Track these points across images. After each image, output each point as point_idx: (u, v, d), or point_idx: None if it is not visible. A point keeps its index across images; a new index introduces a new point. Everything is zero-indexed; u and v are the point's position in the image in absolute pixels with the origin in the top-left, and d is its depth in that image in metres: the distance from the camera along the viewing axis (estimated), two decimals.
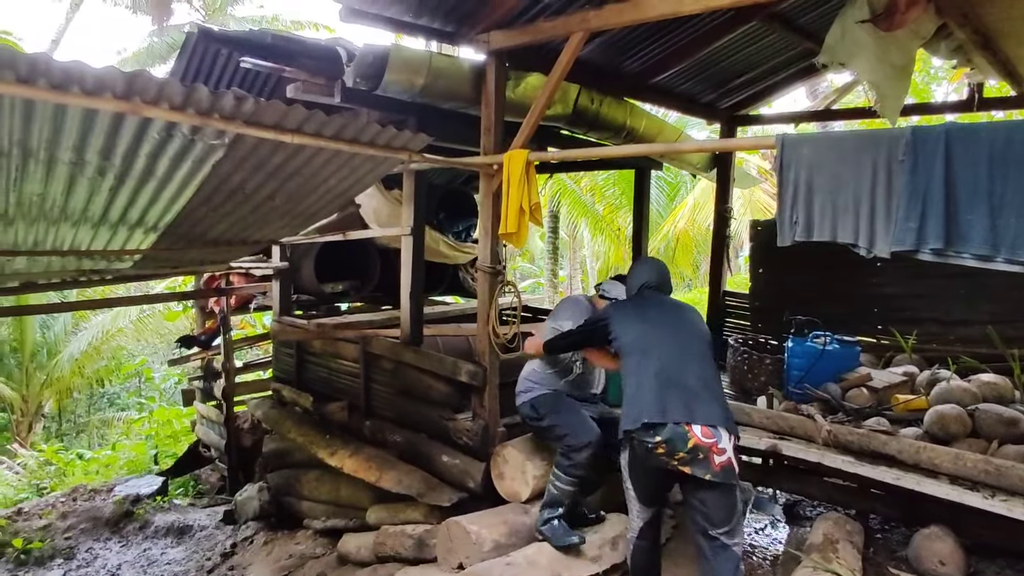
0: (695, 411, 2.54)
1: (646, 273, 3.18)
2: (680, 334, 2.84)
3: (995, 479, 3.07)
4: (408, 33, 3.48)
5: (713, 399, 2.64)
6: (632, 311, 3.01)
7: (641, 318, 2.92)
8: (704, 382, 2.69)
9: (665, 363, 2.69)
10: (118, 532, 5.51)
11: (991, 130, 2.09)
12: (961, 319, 4.74)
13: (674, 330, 2.85)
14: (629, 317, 2.95)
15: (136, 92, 2.19)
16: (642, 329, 2.86)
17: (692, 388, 2.63)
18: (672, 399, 2.57)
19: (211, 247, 4.10)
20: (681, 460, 2.50)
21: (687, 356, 2.75)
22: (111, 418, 13.41)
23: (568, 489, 3.19)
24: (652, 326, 2.86)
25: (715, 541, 2.59)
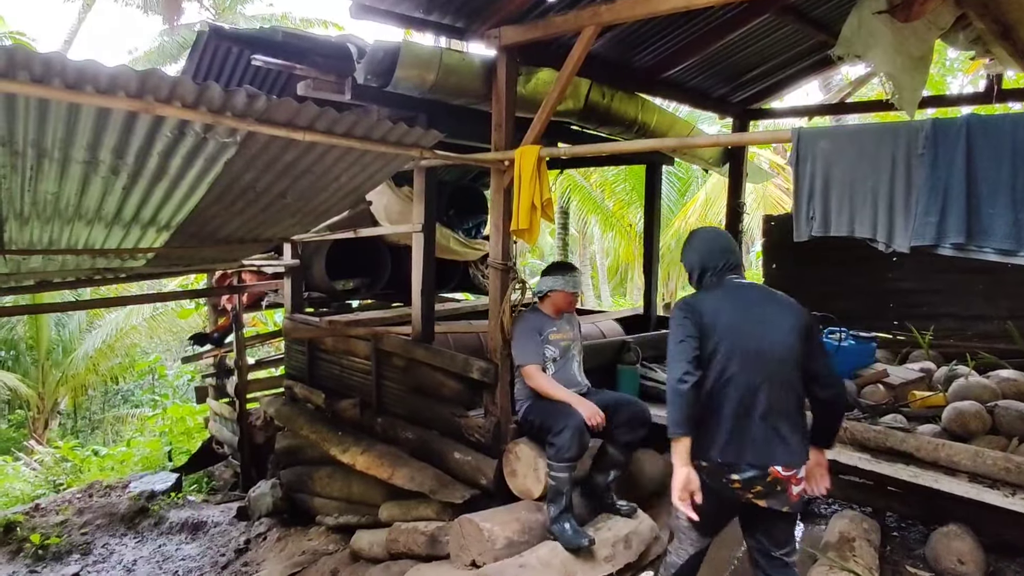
0: (775, 453, 2.26)
1: (719, 251, 2.49)
2: (765, 344, 2.31)
3: (1015, 477, 3.03)
4: (418, 29, 3.47)
5: (794, 431, 2.31)
6: (709, 310, 2.37)
7: (713, 326, 2.33)
8: (786, 414, 2.31)
9: (744, 391, 2.27)
10: (133, 528, 5.56)
11: (1014, 121, 2.05)
12: (979, 314, 4.68)
13: (759, 340, 2.31)
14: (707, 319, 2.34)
15: (149, 91, 2.19)
16: (719, 338, 2.31)
17: (772, 424, 2.28)
18: (749, 439, 2.26)
19: (223, 245, 4.11)
20: (757, 494, 2.29)
21: (771, 378, 2.30)
22: (125, 415, 13.56)
23: (563, 476, 3.23)
24: (726, 335, 2.31)
25: (777, 561, 2.45)
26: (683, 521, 2.46)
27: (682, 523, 2.50)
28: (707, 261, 2.50)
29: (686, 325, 2.34)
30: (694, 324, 2.34)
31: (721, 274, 2.47)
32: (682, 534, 2.57)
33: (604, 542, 3.20)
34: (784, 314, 2.42)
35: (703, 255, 2.52)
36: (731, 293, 2.43)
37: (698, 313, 2.36)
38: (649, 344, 4.79)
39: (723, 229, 2.80)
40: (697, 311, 2.37)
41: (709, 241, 2.58)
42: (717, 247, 2.52)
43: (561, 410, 3.35)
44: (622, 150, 3.54)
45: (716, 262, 2.48)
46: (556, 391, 3.45)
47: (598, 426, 3.32)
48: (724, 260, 2.48)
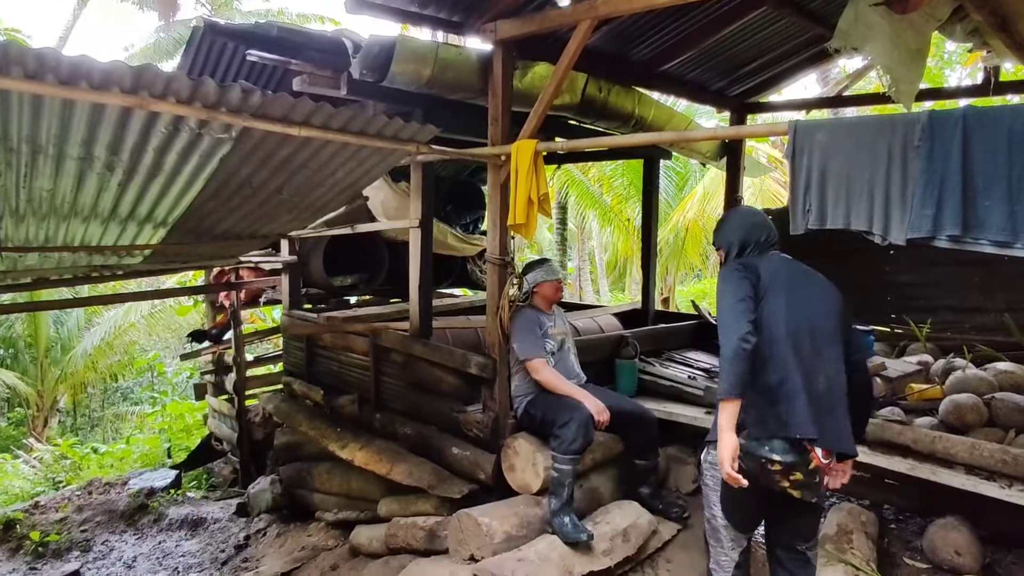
0: (824, 428, 2.12)
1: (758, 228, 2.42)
2: (812, 319, 2.23)
3: (1012, 469, 3.03)
4: (414, 23, 3.46)
5: (844, 413, 2.21)
6: (765, 272, 2.27)
7: (767, 291, 2.23)
8: (832, 390, 2.20)
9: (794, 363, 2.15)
10: (133, 525, 5.57)
11: (1011, 113, 2.05)
12: (976, 307, 4.69)
13: (806, 314, 2.23)
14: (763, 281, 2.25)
15: (143, 86, 2.19)
16: (769, 309, 2.19)
17: (821, 396, 2.16)
18: (798, 408, 2.10)
19: (220, 242, 4.10)
20: (795, 483, 2.12)
21: (822, 354, 2.21)
22: (125, 412, 13.57)
23: (566, 468, 3.27)
24: (780, 305, 2.20)
25: (800, 555, 2.36)
26: (719, 520, 2.37)
27: (719, 523, 2.38)
28: (750, 235, 2.41)
29: (744, 285, 2.21)
30: (751, 284, 2.22)
31: (764, 248, 2.41)
32: (720, 537, 2.39)
33: (602, 536, 3.21)
34: (829, 293, 2.37)
35: (746, 229, 2.44)
36: (781, 264, 2.37)
37: (755, 273, 2.26)
38: (647, 338, 4.80)
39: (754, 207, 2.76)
40: (754, 270, 2.27)
41: (749, 216, 2.54)
42: (759, 221, 2.47)
43: (566, 403, 3.40)
44: (619, 144, 3.53)
45: (759, 235, 2.42)
46: (563, 385, 3.50)
47: (603, 423, 3.37)
48: (766, 234, 2.43)
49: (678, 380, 4.25)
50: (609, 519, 3.36)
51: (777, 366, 2.15)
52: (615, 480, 3.82)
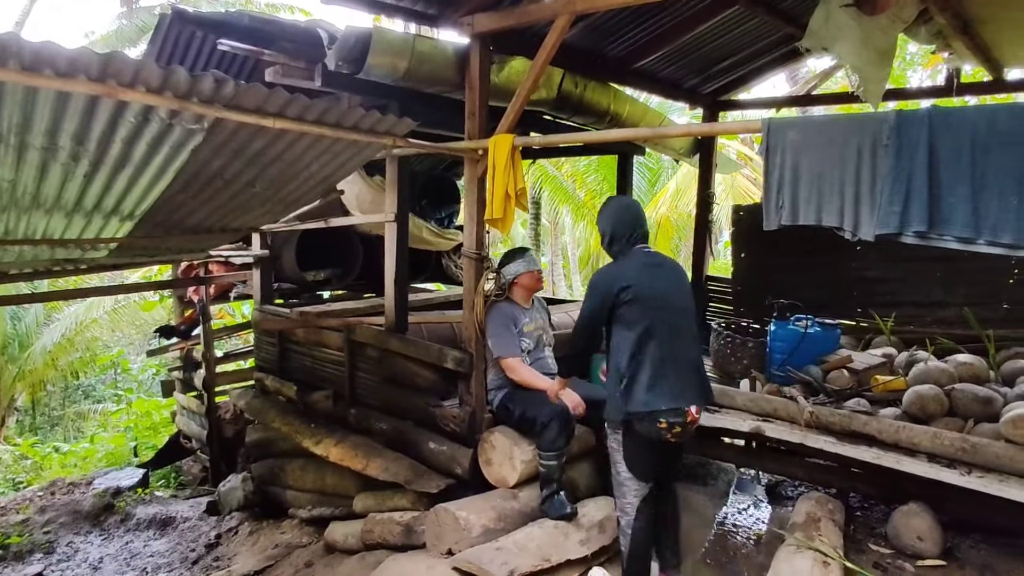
0: (689, 395, 2.75)
1: (626, 222, 2.90)
2: (675, 306, 2.82)
3: (971, 456, 3.15)
4: (389, 15, 3.42)
5: (701, 379, 2.86)
6: (632, 276, 2.78)
7: (641, 285, 2.75)
8: (693, 363, 2.84)
9: (667, 344, 2.72)
10: (99, 525, 5.43)
11: (974, 113, 2.12)
12: (938, 301, 4.84)
13: (672, 302, 2.80)
14: (631, 285, 2.75)
15: (111, 74, 2.12)
16: (644, 301, 2.73)
17: (686, 372, 2.79)
18: (672, 385, 2.70)
19: (190, 235, 4.01)
20: (676, 434, 2.74)
21: (683, 333, 2.81)
22: (87, 411, 13.18)
23: (553, 463, 3.35)
24: (653, 296, 2.75)
25: (672, 489, 3.05)
26: (624, 474, 2.86)
27: (624, 476, 2.87)
28: (620, 228, 2.90)
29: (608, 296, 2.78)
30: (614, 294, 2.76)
31: (633, 242, 2.89)
32: (624, 489, 2.88)
33: (580, 527, 3.25)
34: (680, 274, 2.97)
35: (619, 221, 2.92)
36: (642, 259, 2.88)
37: (623, 279, 2.78)
38: None
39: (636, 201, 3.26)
40: (622, 275, 2.80)
41: (624, 209, 3.00)
42: (631, 217, 2.95)
43: (544, 400, 3.42)
44: (594, 139, 3.56)
45: (629, 231, 2.90)
46: (539, 381, 3.52)
47: (580, 415, 3.43)
48: (635, 231, 2.91)
49: None
50: (586, 511, 3.40)
51: (654, 351, 2.71)
52: (591, 471, 3.86)
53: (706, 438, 4.04)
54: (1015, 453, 3.05)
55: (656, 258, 2.95)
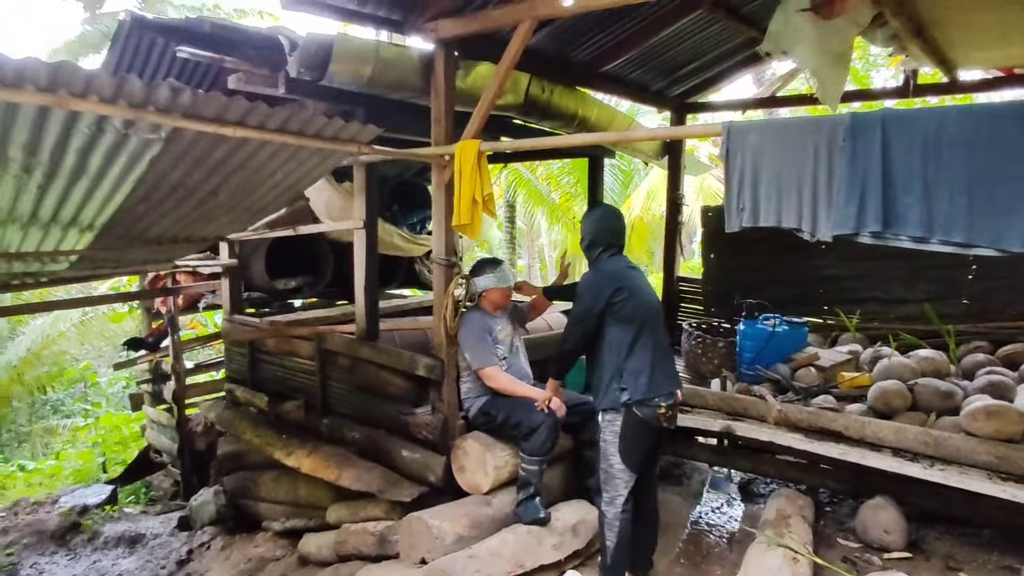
0: (673, 380, 3.03)
1: (611, 232, 3.12)
2: (653, 304, 3.06)
3: (933, 450, 3.23)
4: (353, 21, 3.40)
5: (674, 367, 3.15)
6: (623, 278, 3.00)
7: (631, 286, 2.97)
8: (671, 352, 3.16)
9: (656, 336, 2.97)
10: (65, 545, 5.28)
11: (925, 116, 2.17)
12: (900, 298, 4.96)
13: (651, 301, 3.05)
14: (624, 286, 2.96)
15: (61, 84, 2.07)
16: (634, 300, 2.94)
17: (670, 361, 3.09)
18: (665, 372, 2.97)
19: (153, 246, 3.93)
20: (668, 418, 2.94)
21: (661, 327, 3.06)
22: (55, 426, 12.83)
23: (534, 468, 3.38)
24: (639, 296, 2.97)
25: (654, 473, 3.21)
26: (617, 467, 2.95)
27: (616, 469, 2.96)
28: (601, 236, 3.09)
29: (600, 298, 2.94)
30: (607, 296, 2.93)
31: (613, 250, 3.09)
32: (616, 481, 2.97)
33: (553, 531, 3.25)
34: (648, 280, 3.22)
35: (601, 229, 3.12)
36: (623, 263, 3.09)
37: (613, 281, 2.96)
38: None
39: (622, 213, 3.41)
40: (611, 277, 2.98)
41: (608, 219, 3.19)
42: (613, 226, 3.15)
43: (530, 405, 3.44)
44: (560, 144, 3.57)
45: (610, 238, 3.11)
46: (520, 388, 3.54)
47: (562, 418, 3.47)
48: (615, 239, 3.12)
49: None
50: (559, 515, 3.40)
51: (648, 344, 2.94)
52: (565, 475, 3.86)
53: (680, 438, 4.08)
54: (975, 445, 3.13)
55: (631, 263, 3.19)
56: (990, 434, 3.12)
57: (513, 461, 3.53)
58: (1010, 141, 1.96)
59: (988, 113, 2.07)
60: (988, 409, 3.17)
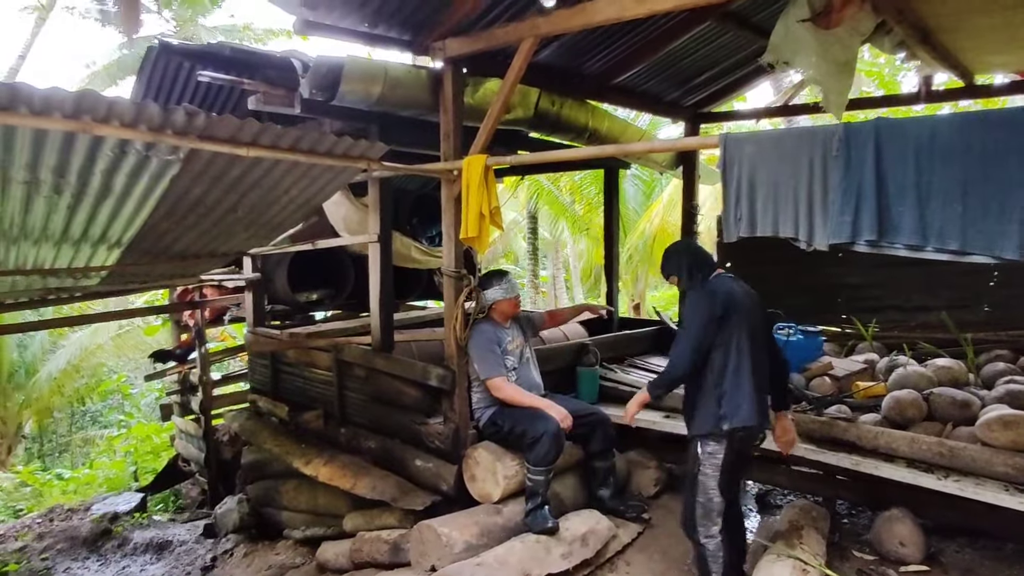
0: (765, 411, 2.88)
1: (703, 255, 3.04)
2: (758, 328, 2.88)
3: (948, 460, 3.16)
4: (364, 43, 3.52)
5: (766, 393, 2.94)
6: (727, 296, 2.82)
7: (735, 305, 2.81)
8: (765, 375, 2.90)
9: (757, 357, 2.81)
10: (96, 551, 5.47)
11: (917, 124, 2.17)
12: (920, 306, 4.86)
13: (755, 324, 2.86)
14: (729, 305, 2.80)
15: (85, 111, 2.21)
16: (738, 319, 2.79)
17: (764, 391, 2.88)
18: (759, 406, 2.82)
19: (178, 261, 4.10)
20: (757, 445, 2.96)
21: (762, 350, 2.88)
22: (93, 436, 13.26)
23: (540, 478, 3.41)
24: (742, 315, 2.81)
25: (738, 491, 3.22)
26: (716, 500, 2.81)
27: (715, 502, 2.82)
28: (696, 262, 3.00)
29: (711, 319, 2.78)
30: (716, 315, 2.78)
31: (711, 270, 2.97)
32: (713, 515, 2.83)
33: (562, 540, 3.27)
34: (760, 303, 2.97)
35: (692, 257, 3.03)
36: (728, 280, 2.93)
37: (721, 300, 2.80)
38: (608, 346, 4.89)
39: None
40: (720, 297, 2.81)
41: (693, 246, 3.25)
42: (701, 251, 3.11)
43: (534, 415, 3.49)
44: (568, 157, 3.63)
45: (705, 260, 3.03)
46: (526, 399, 3.59)
47: (568, 429, 3.50)
48: (710, 259, 3.05)
49: (638, 386, 4.33)
50: (568, 525, 3.42)
51: (747, 367, 2.78)
52: (576, 485, 3.88)
53: None
54: (991, 456, 3.06)
55: (734, 277, 3.02)
56: (1007, 444, 3.05)
57: (523, 471, 3.57)
58: (1002, 148, 1.95)
59: (980, 120, 2.07)
60: (1004, 419, 3.10)
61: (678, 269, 3.01)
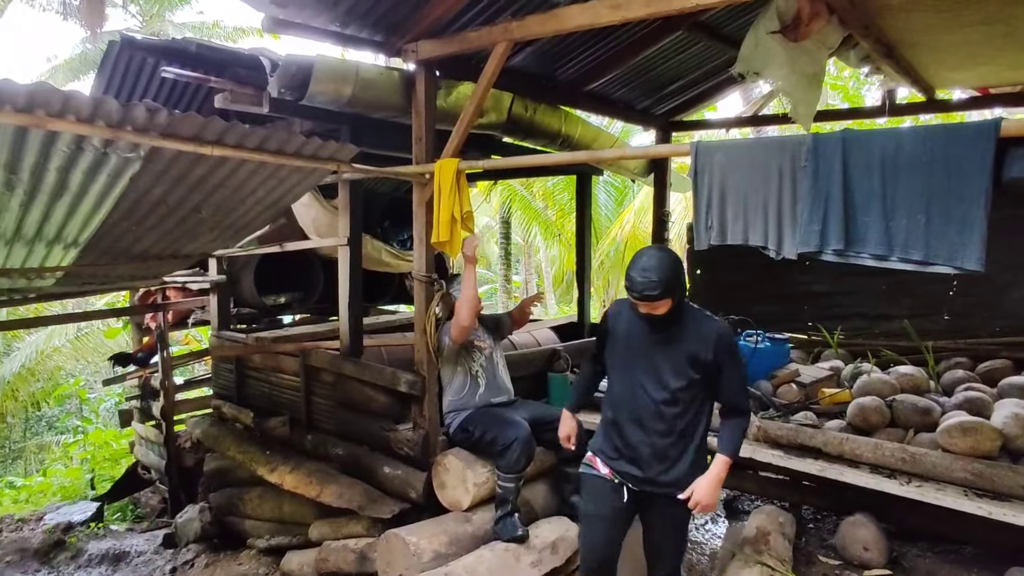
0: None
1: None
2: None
3: (910, 466, 3.23)
4: (335, 43, 3.46)
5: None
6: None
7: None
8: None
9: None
10: (48, 563, 5.25)
11: (883, 136, 2.22)
12: (884, 314, 4.98)
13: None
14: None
15: (39, 105, 2.12)
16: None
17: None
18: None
19: (139, 262, 3.97)
20: None
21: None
22: (48, 443, 12.79)
23: (510, 486, 3.36)
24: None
25: None
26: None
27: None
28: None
29: None
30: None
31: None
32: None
33: (532, 548, 3.24)
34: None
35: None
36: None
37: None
38: (579, 351, 4.88)
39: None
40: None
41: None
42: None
43: (505, 421, 3.45)
44: (539, 163, 3.62)
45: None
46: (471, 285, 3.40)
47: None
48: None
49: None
50: (539, 532, 3.39)
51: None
52: (547, 492, 3.86)
53: None
54: (951, 462, 3.13)
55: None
56: (966, 450, 3.13)
57: (494, 478, 3.54)
58: (964, 161, 2.00)
59: (943, 134, 2.12)
60: (963, 425, 3.17)
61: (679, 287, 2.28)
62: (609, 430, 2.51)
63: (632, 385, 2.39)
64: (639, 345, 2.38)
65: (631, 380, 2.39)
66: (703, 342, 2.28)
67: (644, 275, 2.20)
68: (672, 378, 2.31)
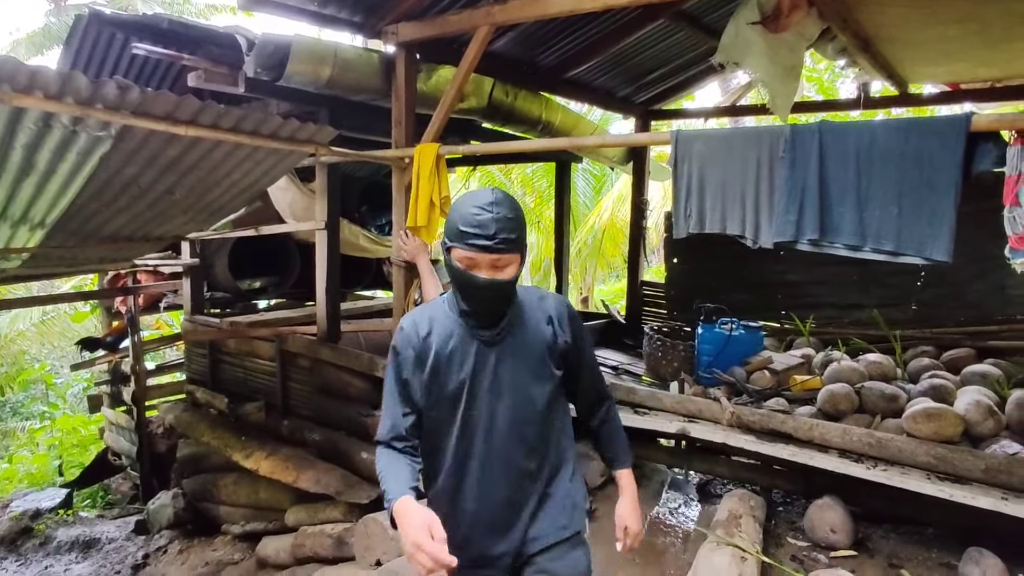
0: None
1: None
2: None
3: (877, 451, 3.32)
4: (313, 23, 3.39)
5: None
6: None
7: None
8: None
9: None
10: (15, 551, 5.15)
11: (858, 129, 2.26)
12: (854, 303, 5.09)
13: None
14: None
15: (3, 79, 2.06)
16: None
17: None
18: None
19: (109, 244, 3.88)
20: None
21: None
22: (13, 428, 12.48)
23: None
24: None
25: None
26: None
27: None
28: None
29: None
30: None
31: None
32: None
33: None
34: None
35: None
36: None
37: None
38: None
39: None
40: None
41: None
42: None
43: None
44: (520, 149, 3.61)
45: None
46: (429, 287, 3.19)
47: None
48: None
49: None
50: None
51: None
52: None
53: (640, 440, 4.13)
54: (915, 447, 3.23)
55: None
56: (929, 435, 3.23)
57: None
58: (936, 155, 2.05)
59: (916, 127, 2.16)
60: (927, 411, 3.27)
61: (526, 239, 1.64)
62: (450, 507, 1.71)
63: (476, 419, 1.65)
64: (475, 359, 1.62)
65: (475, 413, 1.65)
66: (553, 323, 1.65)
67: (496, 210, 1.48)
68: (534, 384, 1.64)
